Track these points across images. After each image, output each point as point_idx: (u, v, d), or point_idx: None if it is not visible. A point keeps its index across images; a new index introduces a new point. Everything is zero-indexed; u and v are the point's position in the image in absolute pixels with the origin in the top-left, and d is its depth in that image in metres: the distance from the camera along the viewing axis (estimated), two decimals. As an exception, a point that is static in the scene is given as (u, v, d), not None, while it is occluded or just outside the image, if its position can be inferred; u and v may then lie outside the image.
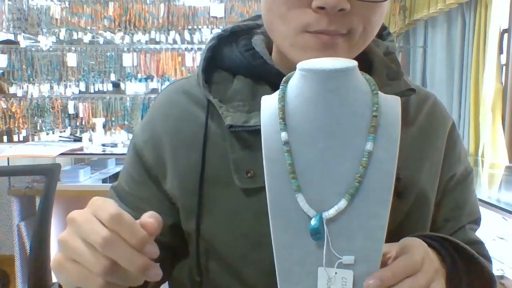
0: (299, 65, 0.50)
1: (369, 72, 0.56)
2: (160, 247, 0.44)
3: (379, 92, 0.51)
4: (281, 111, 0.52)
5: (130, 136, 3.36)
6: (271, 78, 0.59)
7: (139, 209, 0.59)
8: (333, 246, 0.48)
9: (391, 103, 0.51)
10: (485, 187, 2.00)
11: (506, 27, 2.44)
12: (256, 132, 0.55)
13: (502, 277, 1.35)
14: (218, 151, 0.58)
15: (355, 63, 0.49)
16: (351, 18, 0.51)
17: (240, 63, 0.60)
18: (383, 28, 0.66)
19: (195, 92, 0.62)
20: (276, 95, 0.54)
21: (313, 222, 0.48)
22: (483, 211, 1.55)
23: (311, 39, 0.52)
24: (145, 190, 0.62)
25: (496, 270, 1.37)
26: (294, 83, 0.52)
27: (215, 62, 0.62)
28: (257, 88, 0.59)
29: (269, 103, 0.55)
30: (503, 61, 2.47)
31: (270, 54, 0.62)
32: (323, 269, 0.49)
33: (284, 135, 0.51)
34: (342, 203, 0.47)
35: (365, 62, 0.61)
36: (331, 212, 0.47)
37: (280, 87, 0.53)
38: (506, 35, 2.45)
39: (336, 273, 0.48)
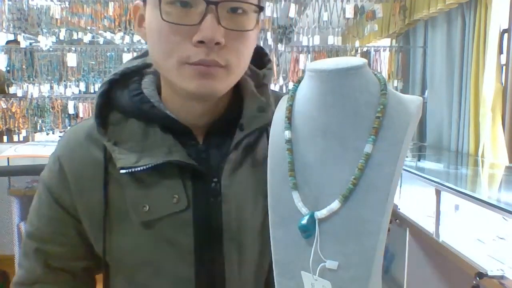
0: (308, 66, 0.50)
1: (241, 105, 0.66)
2: (88, 270, 0.69)
3: (395, 92, 0.50)
4: (287, 110, 0.53)
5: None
6: (160, 121, 0.65)
7: (65, 245, 0.69)
8: (325, 247, 0.47)
9: (406, 105, 0.49)
10: (485, 187, 2.00)
11: (506, 27, 2.44)
12: (147, 170, 0.61)
13: (502, 277, 1.34)
14: (117, 190, 0.64)
15: (362, 62, 0.48)
16: (227, 52, 0.58)
17: (131, 108, 0.66)
18: (265, 54, 0.74)
19: (95, 135, 0.66)
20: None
21: (303, 220, 0.48)
22: (483, 211, 1.56)
23: (192, 70, 0.58)
24: (68, 226, 0.68)
25: (496, 270, 1.37)
26: (303, 83, 0.52)
27: (111, 103, 0.67)
28: (148, 130, 0.65)
29: (283, 103, 0.56)
30: (503, 61, 2.46)
31: (160, 93, 0.68)
32: (305, 273, 0.49)
33: (287, 133, 0.52)
34: (335, 205, 0.47)
35: (238, 95, 0.68)
36: (324, 212, 0.47)
37: (292, 87, 0.54)
38: (506, 35, 2.44)
39: (316, 280, 0.48)
